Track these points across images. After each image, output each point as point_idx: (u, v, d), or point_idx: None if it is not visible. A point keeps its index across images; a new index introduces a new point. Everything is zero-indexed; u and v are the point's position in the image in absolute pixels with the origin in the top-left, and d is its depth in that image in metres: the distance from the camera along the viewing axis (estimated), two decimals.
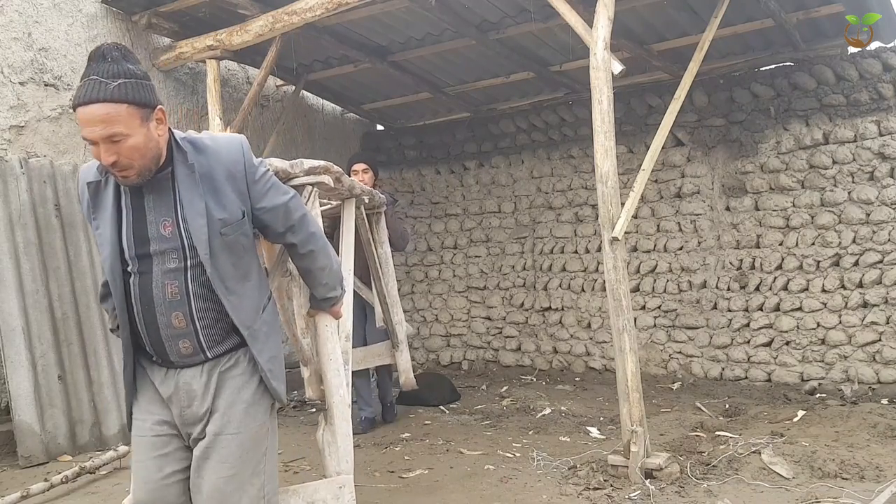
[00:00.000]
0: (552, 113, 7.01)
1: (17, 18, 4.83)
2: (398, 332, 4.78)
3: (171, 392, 2.02)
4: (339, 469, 2.76)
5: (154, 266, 1.94)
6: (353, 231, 3.65)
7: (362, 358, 4.81)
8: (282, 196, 2.11)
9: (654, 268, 6.51)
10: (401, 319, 4.85)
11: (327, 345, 2.76)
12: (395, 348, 4.81)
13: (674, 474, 3.62)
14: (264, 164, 2.11)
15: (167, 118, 1.93)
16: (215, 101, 5.43)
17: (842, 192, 5.63)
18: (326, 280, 2.32)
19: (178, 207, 1.94)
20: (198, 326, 1.97)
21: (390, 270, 4.83)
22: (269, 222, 2.10)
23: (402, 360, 4.83)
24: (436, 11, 5.08)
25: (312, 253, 2.21)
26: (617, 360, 3.77)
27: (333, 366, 2.77)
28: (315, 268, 2.26)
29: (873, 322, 5.46)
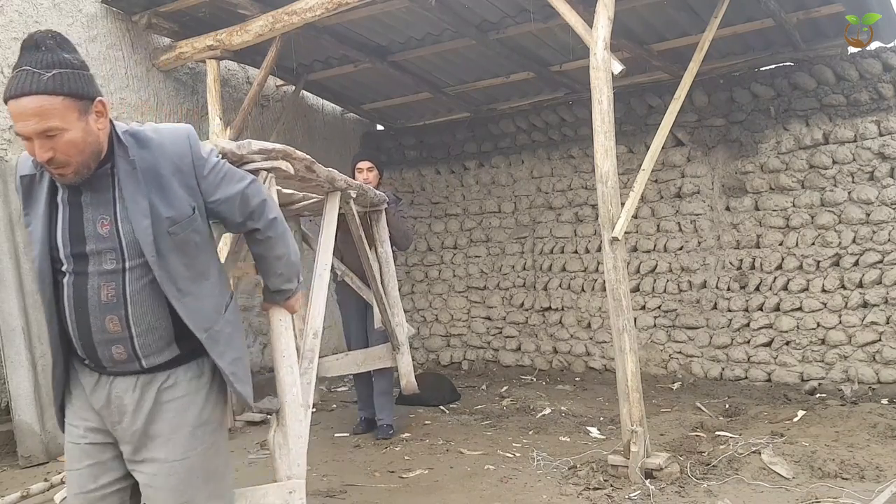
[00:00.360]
0: (552, 113, 7.01)
1: (17, 18, 4.83)
2: (398, 334, 4.63)
3: (101, 404, 1.89)
4: (290, 473, 2.62)
5: (90, 266, 1.81)
6: (334, 226, 3.49)
7: (362, 360, 4.73)
8: (237, 184, 1.99)
9: (654, 268, 6.51)
10: (401, 321, 4.68)
11: (280, 340, 2.61)
12: (395, 351, 4.65)
13: (674, 474, 3.62)
14: (214, 152, 1.98)
15: (108, 110, 1.80)
16: (215, 101, 5.43)
17: (842, 192, 5.63)
18: (282, 270, 2.20)
19: (117, 206, 1.81)
20: (133, 332, 1.83)
21: (391, 270, 4.66)
22: (227, 213, 1.99)
23: (403, 363, 4.65)
24: (436, 11, 5.08)
25: (270, 240, 2.10)
26: (617, 360, 3.77)
27: (286, 363, 2.64)
28: (271, 255, 2.15)
29: (873, 322, 5.46)
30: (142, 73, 5.61)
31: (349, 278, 4.77)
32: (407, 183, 7.91)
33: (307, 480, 3.89)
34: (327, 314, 7.79)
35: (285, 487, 2.60)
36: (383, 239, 4.64)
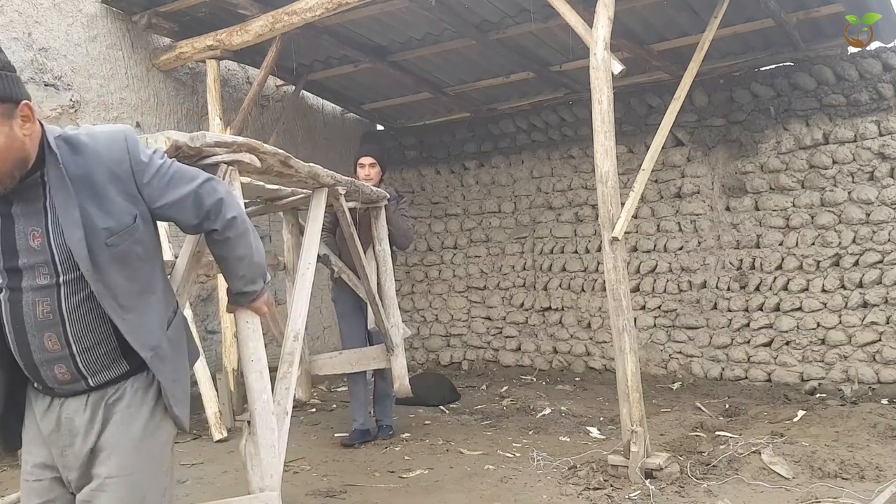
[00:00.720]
0: (552, 113, 7.01)
1: (17, 18, 4.83)
2: (393, 336, 4.45)
3: (51, 429, 1.76)
4: (262, 485, 2.45)
5: (24, 282, 1.68)
6: (319, 223, 3.38)
7: (356, 360, 4.58)
8: (187, 185, 1.83)
9: (654, 268, 6.51)
10: (397, 322, 4.51)
11: (248, 344, 2.45)
12: (389, 352, 4.46)
13: (674, 474, 3.62)
14: (159, 154, 1.83)
15: (35, 114, 1.66)
16: (215, 101, 5.43)
17: (842, 192, 5.63)
18: (244, 272, 2.05)
19: (49, 217, 1.67)
20: (74, 350, 1.70)
21: (388, 269, 4.51)
22: (179, 217, 1.85)
23: (398, 365, 4.47)
24: (436, 11, 5.08)
25: (230, 241, 1.94)
26: (617, 360, 3.77)
27: (255, 367, 2.47)
28: (232, 257, 1.99)
29: (873, 322, 5.46)
30: (142, 73, 5.61)
31: (346, 276, 4.61)
32: (407, 183, 7.91)
33: (307, 481, 3.93)
34: (329, 313, 7.73)
35: (258, 500, 2.44)
36: (381, 237, 4.49)
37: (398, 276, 7.85)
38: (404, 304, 7.83)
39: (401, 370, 4.46)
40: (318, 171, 3.30)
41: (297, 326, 3.02)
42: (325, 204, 3.47)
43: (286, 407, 2.77)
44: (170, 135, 2.34)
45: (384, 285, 4.50)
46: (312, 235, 3.35)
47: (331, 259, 4.52)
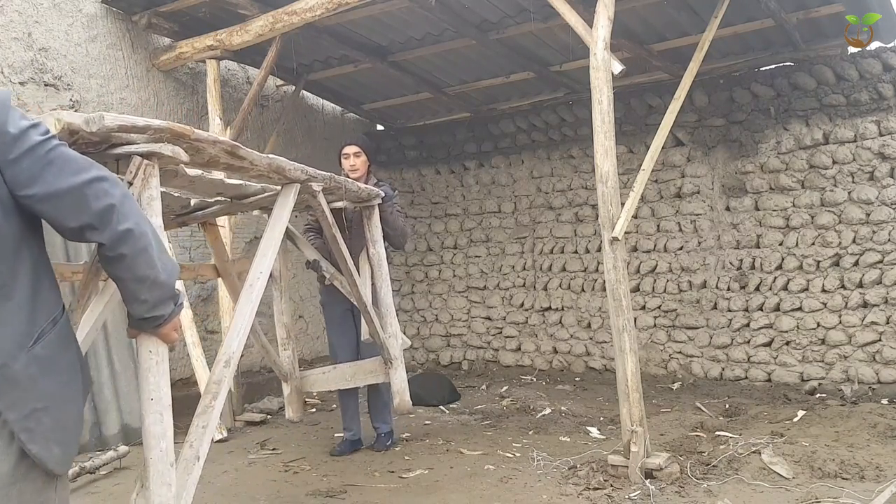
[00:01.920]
0: (552, 113, 7.01)
1: (17, 18, 4.83)
2: (390, 347, 4.02)
3: None
4: None
5: None
6: (282, 225, 2.94)
7: (352, 375, 4.20)
8: (70, 178, 1.45)
9: (654, 268, 6.51)
10: (395, 331, 4.09)
11: (148, 378, 1.93)
12: (387, 365, 4.05)
13: (674, 474, 3.62)
14: (40, 129, 1.46)
15: None
16: (215, 101, 5.43)
17: (842, 192, 5.63)
18: (147, 296, 1.62)
19: None
20: None
21: (384, 273, 4.10)
22: (52, 215, 1.47)
23: (397, 378, 4.04)
24: (436, 11, 5.08)
25: (125, 259, 1.53)
26: (617, 360, 3.77)
27: (154, 408, 1.96)
28: (129, 278, 1.57)
29: (873, 322, 5.46)
30: (142, 73, 5.61)
31: (338, 282, 4.14)
32: (407, 183, 7.91)
33: (307, 481, 3.93)
34: None
35: None
36: (376, 238, 4.09)
37: (398, 277, 7.94)
38: (404, 304, 7.84)
39: (401, 384, 4.05)
40: (282, 163, 2.84)
41: (231, 349, 2.49)
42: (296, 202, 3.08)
43: (199, 451, 2.23)
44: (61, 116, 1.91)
45: (380, 291, 4.09)
46: (270, 240, 2.85)
47: (321, 265, 4.10)
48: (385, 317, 4.08)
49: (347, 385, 4.28)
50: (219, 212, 3.36)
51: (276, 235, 2.90)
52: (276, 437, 4.99)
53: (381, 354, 4.04)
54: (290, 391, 4.17)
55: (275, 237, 2.88)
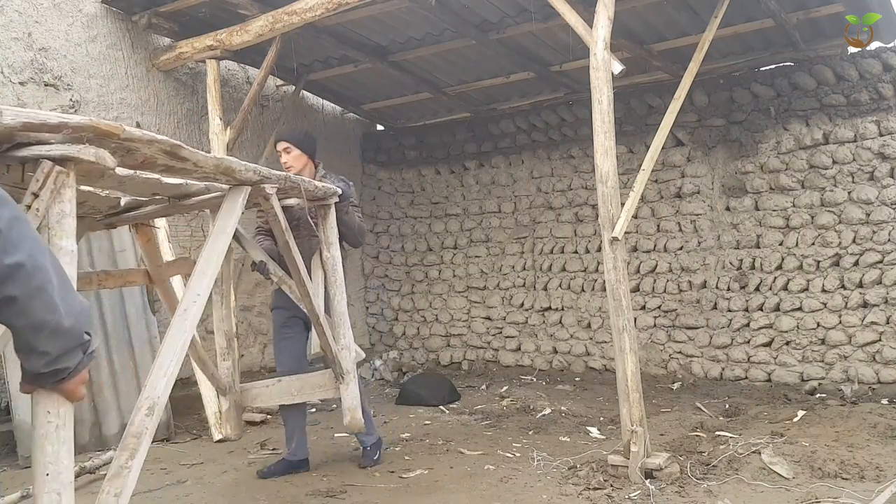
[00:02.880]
0: (552, 113, 7.01)
1: (17, 18, 4.83)
2: (342, 360, 3.63)
3: None
4: None
5: None
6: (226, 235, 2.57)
7: (298, 389, 3.82)
8: None
9: (654, 268, 6.51)
10: (348, 343, 3.72)
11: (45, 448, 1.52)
12: (338, 380, 3.66)
13: (674, 474, 3.62)
14: None
15: None
16: (215, 101, 5.43)
17: (842, 192, 5.63)
18: (47, 347, 1.31)
19: None
20: None
21: (338, 279, 3.73)
22: None
23: (348, 395, 3.65)
24: (436, 11, 5.08)
25: (14, 302, 1.24)
26: (617, 360, 3.77)
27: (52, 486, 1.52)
28: (22, 325, 1.28)
29: (873, 322, 5.45)
30: (142, 73, 5.61)
31: (287, 287, 3.76)
32: (407, 183, 7.91)
33: (307, 481, 3.93)
34: None
35: None
36: (331, 241, 3.73)
37: (398, 277, 7.94)
38: (404, 304, 7.85)
39: (352, 401, 3.66)
40: (231, 164, 2.53)
41: (156, 393, 2.04)
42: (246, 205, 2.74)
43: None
44: None
45: (334, 299, 3.72)
46: (212, 254, 2.44)
47: (269, 267, 3.74)
48: (338, 327, 3.71)
49: (293, 400, 3.88)
50: (155, 213, 3.02)
51: (220, 248, 2.48)
52: (276, 437, 4.99)
53: (332, 368, 3.67)
54: (228, 406, 3.79)
55: (217, 250, 2.46)
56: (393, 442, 4.74)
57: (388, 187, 7.99)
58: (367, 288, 8.02)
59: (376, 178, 8.02)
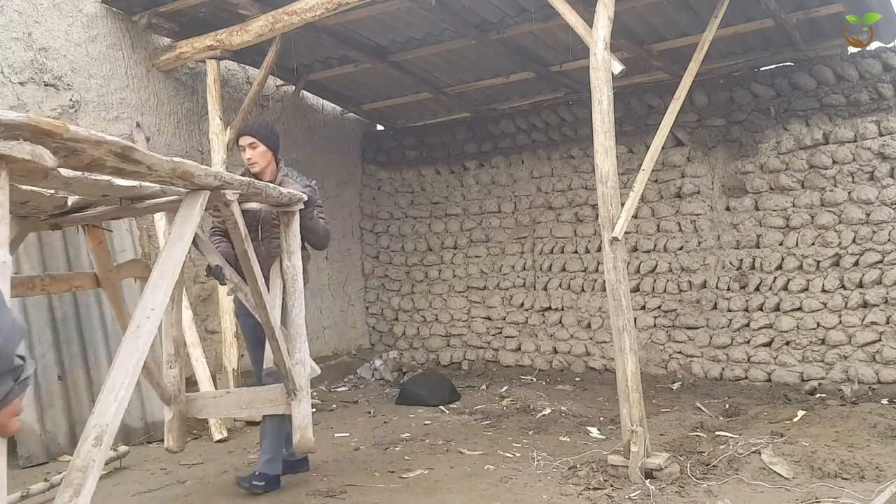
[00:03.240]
0: (552, 113, 7.01)
1: (17, 18, 4.82)
2: (296, 376, 3.43)
3: None
4: None
5: None
6: (184, 242, 2.42)
7: (248, 402, 3.60)
8: None
9: (654, 268, 6.51)
10: (303, 358, 3.52)
11: None
12: (290, 397, 3.45)
13: (674, 474, 3.62)
14: None
15: None
16: (215, 101, 5.43)
17: (842, 192, 5.63)
18: None
19: None
20: None
21: (297, 290, 3.54)
22: None
23: (300, 413, 3.44)
24: (436, 11, 5.08)
25: None
26: (617, 360, 3.77)
27: None
28: None
29: (873, 322, 5.45)
30: (142, 73, 5.61)
31: (243, 294, 3.53)
32: (407, 183, 7.91)
33: (307, 481, 3.93)
34: (328, 312, 7.67)
35: None
36: (293, 249, 3.53)
37: (398, 277, 7.94)
38: (404, 304, 7.84)
39: (303, 419, 3.44)
40: (189, 168, 2.35)
41: (104, 420, 1.86)
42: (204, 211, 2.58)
43: None
44: None
45: (291, 310, 3.53)
46: (167, 265, 2.30)
47: (224, 272, 3.52)
48: (294, 340, 3.51)
49: (241, 414, 3.65)
50: (105, 215, 2.88)
51: (176, 257, 2.31)
52: None
53: (285, 384, 3.46)
54: (171, 416, 3.57)
55: (174, 259, 2.29)
56: (393, 442, 4.74)
57: (388, 187, 7.99)
58: (367, 288, 8.03)
59: (376, 178, 8.02)
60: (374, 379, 7.23)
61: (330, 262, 7.52)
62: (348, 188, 7.84)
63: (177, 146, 5.83)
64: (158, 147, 5.66)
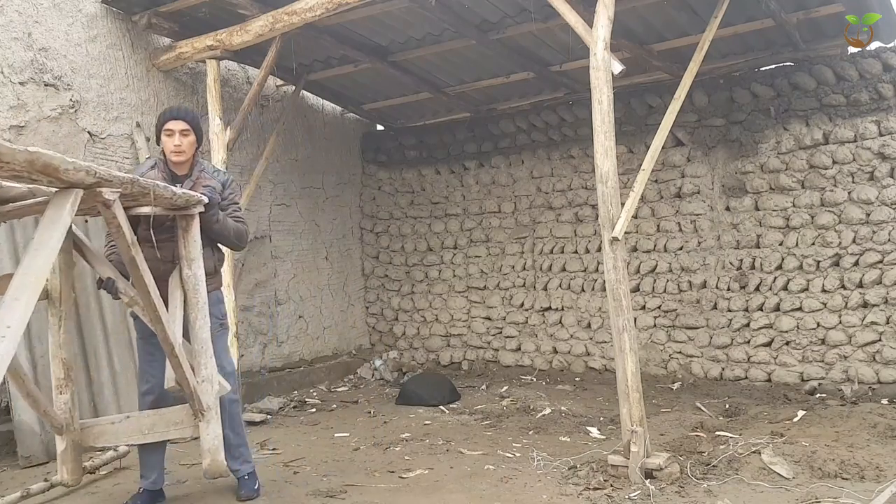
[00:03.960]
0: (552, 113, 7.01)
1: (17, 18, 4.82)
2: (202, 395, 3.14)
3: None
4: None
5: None
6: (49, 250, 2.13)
7: (150, 427, 3.30)
8: None
9: (654, 268, 6.51)
10: (209, 375, 3.19)
11: None
12: (197, 417, 3.16)
13: (674, 474, 3.62)
14: None
15: None
16: (215, 101, 5.43)
17: (842, 192, 5.63)
18: None
19: None
20: None
21: (200, 301, 3.19)
22: None
23: (208, 435, 3.15)
24: (436, 11, 5.08)
25: None
26: (617, 360, 3.77)
27: None
28: None
29: (873, 322, 5.45)
30: (142, 73, 5.61)
31: (140, 308, 3.20)
32: (407, 183, 7.91)
33: (307, 481, 3.93)
34: (328, 312, 7.66)
35: None
36: (193, 257, 3.19)
37: (398, 276, 7.94)
38: (404, 304, 7.84)
39: (213, 442, 3.17)
40: (51, 161, 2.02)
41: None
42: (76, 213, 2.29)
43: None
44: None
45: (195, 324, 3.20)
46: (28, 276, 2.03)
47: (118, 285, 3.21)
48: (199, 356, 3.20)
49: (144, 440, 3.34)
50: None
51: (39, 267, 2.05)
52: (276, 437, 4.99)
53: (190, 403, 3.18)
54: (64, 447, 3.25)
55: (36, 270, 2.04)
56: (393, 442, 4.74)
57: (388, 187, 7.99)
58: (367, 288, 8.03)
59: (376, 178, 8.02)
60: (374, 379, 7.23)
61: (330, 262, 7.52)
62: (348, 188, 7.85)
63: None
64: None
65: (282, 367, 6.75)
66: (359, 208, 8.01)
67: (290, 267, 6.99)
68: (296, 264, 7.08)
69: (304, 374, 6.85)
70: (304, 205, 7.19)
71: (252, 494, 3.65)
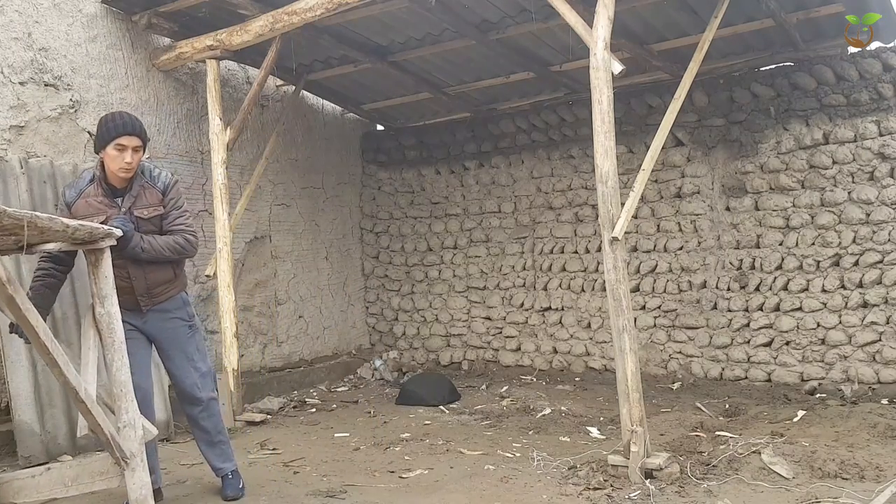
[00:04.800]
0: (552, 113, 7.01)
1: (17, 18, 4.82)
2: (123, 442, 2.86)
3: None
4: None
5: None
6: None
7: (73, 479, 2.96)
8: None
9: (654, 268, 6.51)
10: (132, 419, 2.92)
11: None
12: (121, 466, 2.87)
13: (674, 474, 3.62)
14: None
15: None
16: (215, 101, 5.43)
17: (842, 192, 5.63)
18: None
19: None
20: None
21: (116, 340, 2.92)
22: None
23: (135, 483, 2.88)
24: (436, 11, 5.08)
25: None
26: (617, 360, 3.77)
27: None
28: None
29: (873, 322, 5.46)
30: (142, 73, 5.61)
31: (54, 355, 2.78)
32: (407, 183, 7.91)
33: (307, 481, 3.93)
34: (328, 311, 7.67)
35: None
36: (105, 293, 2.90)
37: (398, 276, 7.94)
38: (404, 305, 7.84)
39: (140, 492, 2.89)
40: None
41: None
42: None
43: None
44: None
45: (112, 366, 2.93)
46: None
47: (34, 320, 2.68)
48: (119, 399, 2.91)
49: (67, 493, 3.04)
50: None
51: None
52: (276, 437, 4.99)
53: (110, 452, 2.88)
54: None
55: None
56: (393, 442, 4.74)
57: (388, 187, 7.99)
58: (367, 288, 8.03)
59: (376, 178, 8.03)
60: (374, 379, 7.23)
61: (330, 262, 7.52)
62: (348, 188, 7.85)
63: (177, 146, 5.84)
64: (158, 147, 5.67)
65: (282, 367, 6.75)
66: (359, 208, 8.01)
67: (290, 267, 6.99)
68: (296, 264, 7.08)
69: (304, 374, 6.85)
70: (304, 205, 7.19)
71: (238, 494, 3.64)
